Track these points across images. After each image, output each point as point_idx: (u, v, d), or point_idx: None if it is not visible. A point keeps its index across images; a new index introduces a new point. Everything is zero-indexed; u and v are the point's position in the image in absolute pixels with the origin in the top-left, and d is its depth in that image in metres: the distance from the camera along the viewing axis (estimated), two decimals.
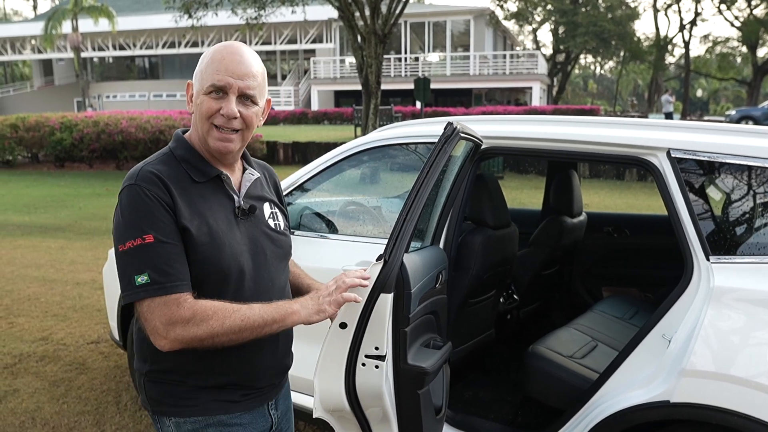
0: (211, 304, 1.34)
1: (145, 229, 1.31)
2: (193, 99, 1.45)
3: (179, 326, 1.31)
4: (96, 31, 35.51)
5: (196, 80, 1.44)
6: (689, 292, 2.07)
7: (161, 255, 1.31)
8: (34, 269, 6.44)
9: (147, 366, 1.46)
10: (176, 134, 1.50)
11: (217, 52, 1.43)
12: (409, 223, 1.75)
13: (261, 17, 18.55)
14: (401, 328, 1.82)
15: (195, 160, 1.45)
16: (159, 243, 1.31)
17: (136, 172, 1.37)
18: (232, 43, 1.45)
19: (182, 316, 1.30)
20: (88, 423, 3.27)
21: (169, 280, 1.31)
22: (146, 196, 1.33)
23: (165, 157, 1.44)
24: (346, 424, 1.86)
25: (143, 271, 1.30)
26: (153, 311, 1.31)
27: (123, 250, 1.32)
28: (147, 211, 1.32)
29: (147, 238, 1.30)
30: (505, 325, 3.41)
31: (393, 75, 31.31)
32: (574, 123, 2.52)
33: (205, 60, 1.43)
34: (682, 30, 37.52)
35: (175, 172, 1.41)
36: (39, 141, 15.27)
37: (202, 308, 1.32)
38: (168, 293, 1.30)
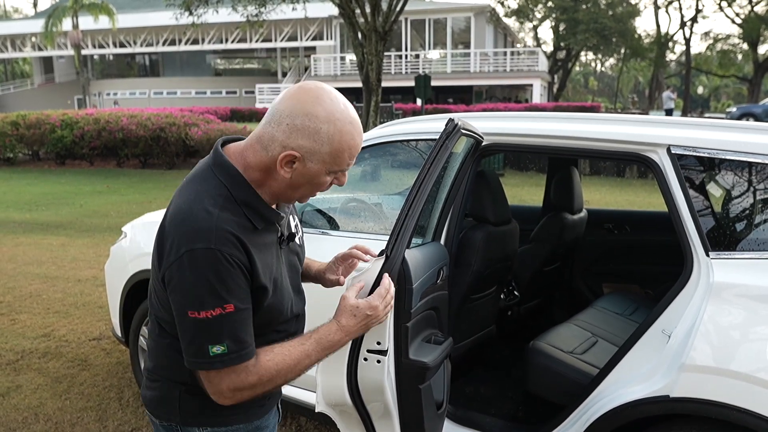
0: (274, 363, 1.31)
1: (227, 297, 1.23)
2: (301, 171, 1.30)
3: (246, 391, 1.30)
4: (96, 28, 35.50)
5: (317, 161, 1.29)
6: (689, 288, 2.08)
7: (240, 323, 1.26)
8: (35, 266, 6.45)
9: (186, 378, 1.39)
10: (228, 166, 1.32)
11: (349, 136, 1.30)
12: (411, 219, 1.76)
13: (261, 14, 18.53)
14: (403, 323, 1.83)
15: (258, 205, 1.33)
16: (238, 311, 1.25)
17: (210, 231, 1.23)
18: (352, 116, 1.31)
19: (249, 382, 1.29)
20: (91, 419, 3.28)
21: (244, 348, 1.27)
22: (228, 261, 1.23)
23: (227, 203, 1.28)
24: (348, 418, 1.88)
25: (221, 341, 1.24)
26: (222, 378, 1.27)
27: (199, 318, 1.23)
28: (228, 278, 1.23)
29: (227, 308, 1.23)
30: (506, 321, 3.42)
31: (393, 72, 31.30)
32: (574, 120, 2.53)
33: (335, 142, 1.28)
34: (683, 27, 37.49)
35: (241, 220, 1.29)
36: (40, 138, 15.29)
37: (266, 371, 1.30)
38: (242, 361, 1.27)
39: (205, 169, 1.35)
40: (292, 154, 1.27)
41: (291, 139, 1.27)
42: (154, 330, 1.43)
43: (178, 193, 1.35)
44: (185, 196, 1.30)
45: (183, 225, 1.25)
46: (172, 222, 1.27)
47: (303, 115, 1.26)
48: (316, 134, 1.27)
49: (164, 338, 1.40)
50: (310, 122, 1.26)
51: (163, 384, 1.43)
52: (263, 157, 1.30)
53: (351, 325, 1.42)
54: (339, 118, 1.29)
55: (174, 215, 1.28)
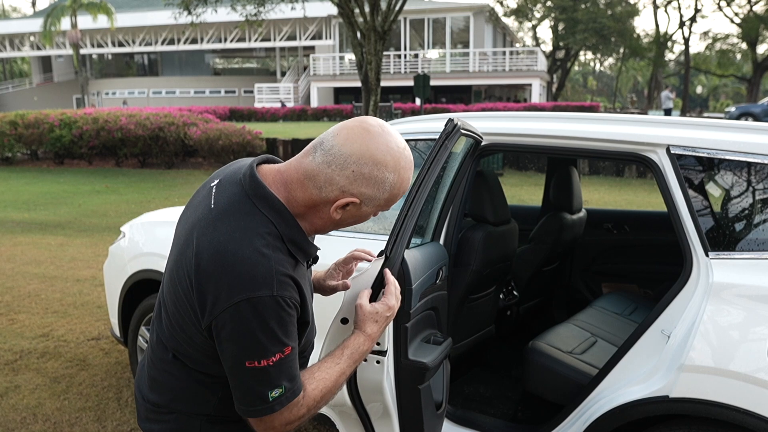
0: (318, 390, 1.29)
1: (286, 341, 1.20)
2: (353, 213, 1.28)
3: (295, 423, 1.27)
4: (95, 27, 35.52)
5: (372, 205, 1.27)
6: (688, 288, 2.08)
7: (294, 361, 1.23)
8: (34, 266, 6.44)
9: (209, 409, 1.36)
10: (273, 200, 1.24)
11: (408, 181, 1.28)
12: (410, 219, 1.76)
13: (260, 14, 18.54)
14: (402, 324, 1.83)
15: (302, 242, 1.28)
16: (293, 351, 1.23)
17: (270, 277, 1.17)
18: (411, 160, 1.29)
19: (299, 415, 1.27)
20: (90, 419, 3.28)
21: (296, 383, 1.24)
22: (289, 306, 1.20)
23: (276, 241, 1.22)
24: (347, 419, 1.88)
25: (280, 384, 1.21)
26: (275, 418, 1.24)
27: (260, 366, 1.18)
28: (288, 321, 1.20)
29: (286, 351, 1.20)
30: (505, 321, 3.42)
31: (392, 72, 31.30)
32: (573, 119, 2.53)
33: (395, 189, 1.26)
34: (682, 26, 37.53)
35: (289, 260, 1.24)
36: (38, 138, 15.27)
37: (313, 401, 1.28)
38: (295, 396, 1.24)
39: (243, 199, 1.24)
40: (352, 201, 1.24)
41: (354, 186, 1.22)
42: (166, 361, 1.36)
43: (212, 225, 1.22)
44: (227, 232, 1.19)
45: (235, 269, 1.15)
46: (219, 263, 1.17)
47: (372, 164, 1.21)
48: (381, 184, 1.23)
49: (183, 371, 1.34)
50: (379, 172, 1.22)
51: (179, 417, 1.36)
52: (314, 196, 1.24)
53: (375, 331, 1.41)
54: (404, 166, 1.25)
55: (219, 254, 1.17)
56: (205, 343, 1.26)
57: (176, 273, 1.27)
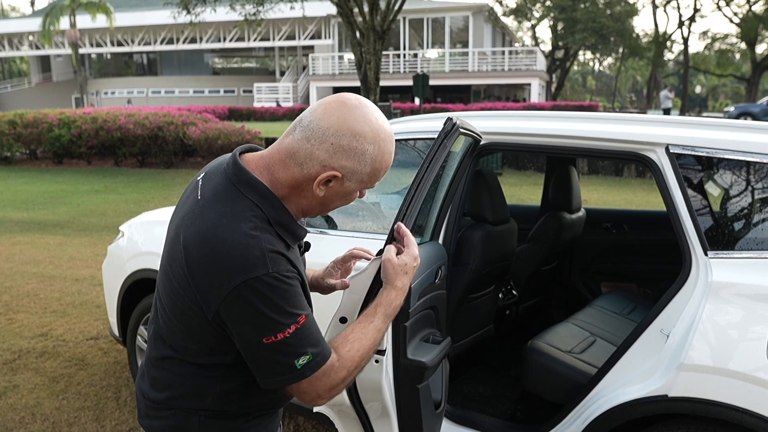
0: (354, 351, 1.30)
1: (297, 312, 1.21)
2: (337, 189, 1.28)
3: (340, 386, 1.29)
4: (94, 27, 35.48)
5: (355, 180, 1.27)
6: (687, 287, 2.08)
7: (313, 327, 1.25)
8: (32, 266, 6.44)
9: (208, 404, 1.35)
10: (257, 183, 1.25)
11: (388, 154, 1.29)
12: (409, 218, 1.76)
13: (259, 13, 18.54)
14: (401, 323, 1.83)
15: (289, 224, 1.28)
16: (308, 318, 1.24)
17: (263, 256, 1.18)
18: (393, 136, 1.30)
19: (341, 377, 1.28)
20: (88, 418, 3.28)
21: (324, 347, 1.26)
22: (287, 278, 1.20)
23: (262, 223, 1.23)
24: (346, 418, 1.87)
25: (304, 352, 1.22)
26: (314, 384, 1.25)
27: (278, 341, 1.20)
28: (292, 292, 1.21)
29: (301, 320, 1.21)
30: (504, 320, 3.42)
31: (392, 71, 31.30)
32: (572, 119, 2.52)
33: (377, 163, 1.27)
34: (681, 26, 37.55)
35: (279, 241, 1.25)
36: (37, 137, 15.25)
37: (351, 361, 1.29)
38: (326, 360, 1.25)
39: (228, 186, 1.25)
40: (334, 174, 1.23)
41: (334, 159, 1.22)
42: (163, 357, 1.36)
43: (198, 214, 1.24)
44: (214, 219, 1.20)
45: (228, 254, 1.16)
46: (209, 251, 1.18)
47: (350, 135, 1.22)
48: (361, 155, 1.23)
49: (183, 367, 1.34)
50: (357, 143, 1.22)
51: (177, 413, 1.36)
52: (296, 174, 1.25)
53: (406, 283, 1.41)
54: (383, 138, 1.26)
55: (207, 242, 1.18)
56: (212, 333, 1.26)
57: (170, 267, 1.28)
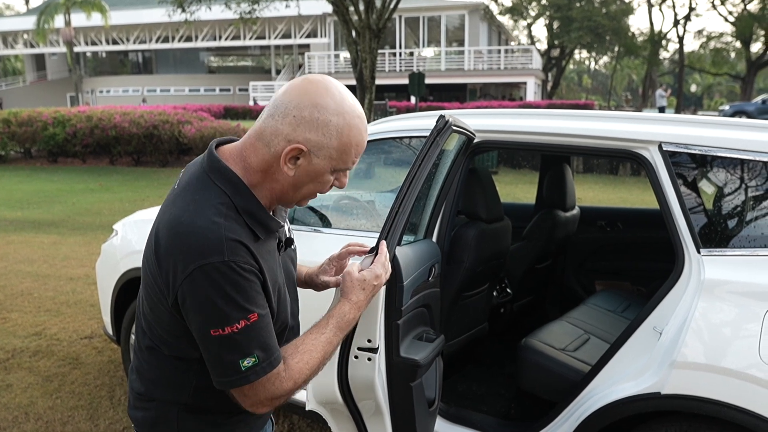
0: (303, 363, 1.27)
1: (249, 307, 1.18)
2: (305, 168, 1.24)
3: (284, 397, 1.26)
4: (89, 25, 35.36)
5: (324, 156, 1.23)
6: (680, 285, 2.08)
7: (265, 329, 1.21)
8: (27, 264, 6.41)
9: (185, 398, 1.34)
10: (227, 171, 1.25)
11: (357, 131, 1.24)
12: (401, 215, 1.75)
13: (255, 12, 18.48)
14: (394, 321, 1.83)
15: (258, 213, 1.26)
16: (261, 318, 1.20)
17: (220, 243, 1.16)
18: (359, 109, 1.27)
19: (285, 389, 1.24)
20: (82, 418, 3.27)
21: (273, 353, 1.22)
22: (242, 270, 1.17)
23: (229, 211, 1.21)
24: (339, 416, 1.87)
25: (251, 353, 1.19)
26: (257, 390, 1.22)
27: (224, 334, 1.17)
28: (247, 287, 1.18)
29: (252, 317, 1.18)
30: (499, 318, 3.42)
31: (387, 70, 31.28)
32: (567, 117, 2.53)
33: (343, 137, 1.23)
34: (677, 25, 37.62)
35: (244, 230, 1.22)
36: (32, 136, 15.19)
37: (299, 373, 1.26)
38: (273, 368, 1.22)
39: (201, 175, 1.25)
40: (299, 148, 1.21)
41: (298, 132, 1.20)
42: (144, 350, 1.37)
43: (171, 202, 1.25)
44: (182, 205, 1.21)
45: (188, 239, 1.16)
46: (173, 236, 1.19)
47: (311, 107, 1.20)
48: (325, 127, 1.21)
49: (162, 359, 1.34)
50: (319, 114, 1.20)
51: (158, 405, 1.36)
52: (265, 155, 1.23)
53: (362, 299, 1.40)
54: (348, 111, 1.23)
55: (173, 228, 1.19)
56: (175, 323, 1.25)
57: (146, 257, 1.29)
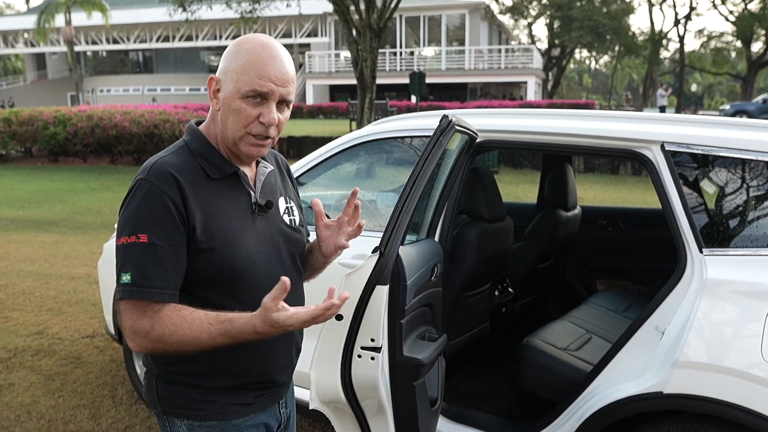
0: (171, 323, 1.26)
1: (142, 228, 1.26)
2: (223, 98, 1.34)
3: (141, 337, 1.27)
4: (89, 24, 35.33)
5: (229, 80, 1.33)
6: (682, 285, 2.08)
7: (148, 257, 1.26)
8: (28, 264, 6.42)
9: (159, 366, 1.41)
10: (191, 127, 1.42)
11: (255, 54, 1.32)
12: (405, 215, 1.76)
13: (255, 11, 18.48)
14: (397, 320, 1.83)
15: (211, 156, 1.37)
16: (150, 245, 1.26)
17: (149, 166, 1.32)
18: (268, 43, 1.34)
19: (143, 327, 1.26)
20: (84, 417, 3.27)
21: (148, 285, 1.26)
22: (154, 193, 1.27)
23: (180, 151, 1.37)
24: (342, 415, 1.87)
25: (127, 270, 1.26)
26: (125, 313, 1.28)
27: (118, 244, 1.29)
28: (150, 210, 1.27)
29: (141, 237, 1.26)
30: (500, 317, 3.43)
31: (388, 69, 31.27)
32: (568, 116, 2.53)
33: (241, 59, 1.32)
34: (677, 24, 37.59)
35: (190, 167, 1.34)
36: (32, 135, 15.19)
37: (161, 325, 1.26)
38: (143, 298, 1.26)
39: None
40: (214, 79, 1.36)
41: (219, 68, 1.37)
42: None
43: None
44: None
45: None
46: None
47: (232, 45, 1.37)
48: (228, 54, 1.36)
49: None
50: (233, 47, 1.36)
51: (147, 372, 1.46)
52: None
53: (263, 333, 1.25)
54: (251, 40, 1.35)
55: None
56: None
57: None
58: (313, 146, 14.60)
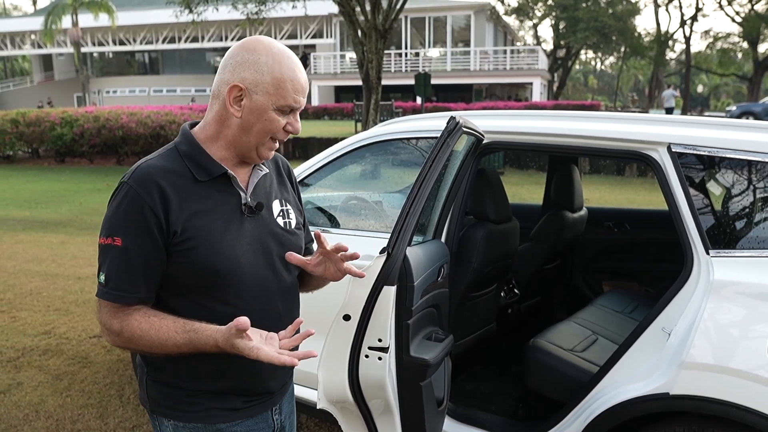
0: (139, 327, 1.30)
1: (118, 231, 1.30)
2: (250, 107, 1.35)
3: (112, 334, 1.33)
4: (96, 26, 35.49)
5: (262, 92, 1.34)
6: (689, 286, 2.08)
7: (121, 261, 1.31)
8: (35, 264, 6.45)
9: (147, 365, 1.44)
10: (183, 129, 1.44)
11: (287, 68, 1.35)
12: (412, 216, 1.77)
13: (262, 12, 18.55)
14: (404, 320, 1.84)
15: (199, 158, 1.38)
16: (124, 249, 1.30)
17: (134, 170, 1.34)
18: (288, 53, 1.38)
19: (113, 327, 1.32)
20: (92, 416, 3.29)
21: (118, 288, 1.31)
22: (132, 199, 1.30)
23: (169, 153, 1.39)
24: (349, 415, 1.88)
25: (103, 270, 1.33)
26: (100, 310, 1.34)
27: (99, 242, 1.35)
28: (126, 214, 1.30)
29: (116, 241, 1.30)
30: (506, 318, 3.43)
31: (393, 70, 31.27)
32: (575, 118, 2.53)
33: (275, 73, 1.34)
34: (683, 25, 37.47)
35: (176, 169, 1.35)
36: (39, 136, 15.28)
37: (129, 329, 1.31)
38: (113, 300, 1.31)
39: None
40: (237, 86, 1.34)
41: (235, 74, 1.35)
42: None
43: None
44: None
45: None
46: None
47: (244, 51, 1.35)
48: (256, 64, 1.34)
49: None
50: (250, 55, 1.34)
51: (139, 370, 1.48)
52: (217, 107, 1.38)
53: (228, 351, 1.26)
54: (276, 52, 1.36)
55: None
56: None
57: None
58: (318, 147, 14.62)
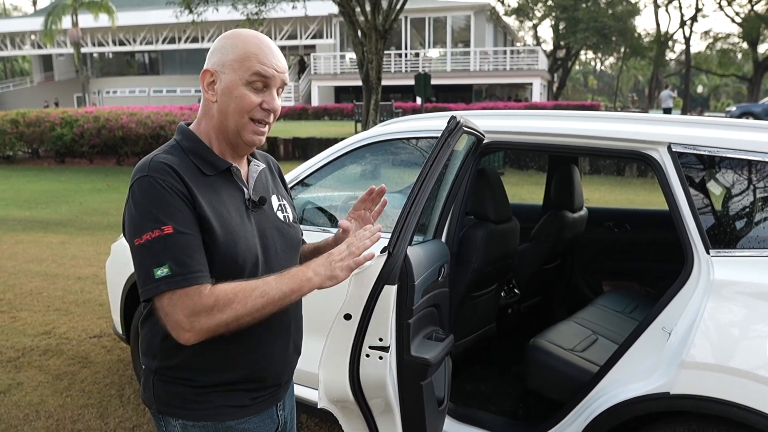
0: (230, 286, 1.29)
1: (163, 219, 1.26)
2: (222, 88, 1.37)
3: (203, 316, 1.26)
4: (96, 26, 35.48)
5: (229, 69, 1.36)
6: (689, 286, 2.09)
7: (181, 245, 1.26)
8: (35, 264, 6.46)
9: (156, 363, 1.42)
10: (181, 127, 1.45)
11: (253, 44, 1.37)
12: (413, 215, 1.77)
13: (262, 12, 18.55)
14: (405, 320, 1.84)
15: (203, 153, 1.40)
16: (178, 234, 1.26)
17: (146, 164, 1.33)
18: (260, 35, 1.40)
19: (205, 304, 1.26)
20: (92, 416, 3.29)
21: (190, 271, 1.26)
22: (161, 186, 1.28)
23: (172, 149, 1.39)
24: (350, 414, 1.88)
25: (163, 263, 1.25)
26: (175, 304, 1.26)
27: (140, 243, 1.27)
28: (163, 201, 1.28)
29: (166, 229, 1.26)
30: (506, 318, 3.43)
31: (393, 71, 31.27)
32: (575, 117, 2.54)
33: (240, 50, 1.36)
34: (683, 26, 37.48)
35: (184, 163, 1.36)
36: (39, 136, 15.28)
37: (222, 293, 1.27)
38: (189, 284, 1.25)
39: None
40: (209, 71, 1.39)
41: (208, 63, 1.40)
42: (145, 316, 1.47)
43: None
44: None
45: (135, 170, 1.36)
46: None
47: (217, 42, 1.41)
48: (222, 48, 1.39)
49: (143, 326, 1.46)
50: (220, 41, 1.41)
51: (145, 371, 1.47)
52: (202, 100, 1.43)
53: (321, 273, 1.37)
54: (243, 33, 1.40)
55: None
56: None
57: None
58: (318, 147, 14.62)
